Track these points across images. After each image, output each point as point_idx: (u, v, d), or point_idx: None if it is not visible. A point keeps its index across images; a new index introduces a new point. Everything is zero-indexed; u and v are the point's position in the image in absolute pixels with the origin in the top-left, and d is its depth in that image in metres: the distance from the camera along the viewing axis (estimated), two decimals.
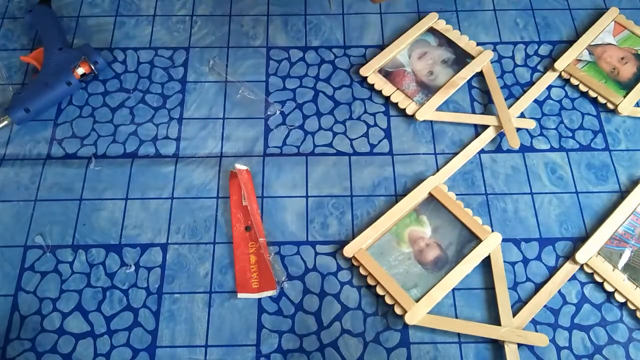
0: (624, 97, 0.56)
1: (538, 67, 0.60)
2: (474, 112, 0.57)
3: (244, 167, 0.53)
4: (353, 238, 0.50)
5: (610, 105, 0.56)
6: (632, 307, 0.47)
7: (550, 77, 0.58)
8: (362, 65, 0.59)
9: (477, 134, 0.56)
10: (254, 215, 0.51)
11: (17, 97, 0.55)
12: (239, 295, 0.48)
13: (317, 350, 0.46)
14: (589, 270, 0.49)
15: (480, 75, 0.59)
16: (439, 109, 0.57)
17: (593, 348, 0.46)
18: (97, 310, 0.48)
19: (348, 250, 0.49)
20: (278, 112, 0.57)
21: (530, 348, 0.46)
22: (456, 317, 0.47)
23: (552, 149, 0.55)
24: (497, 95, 0.57)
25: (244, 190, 0.51)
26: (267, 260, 0.49)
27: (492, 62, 0.59)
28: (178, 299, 0.48)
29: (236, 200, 0.52)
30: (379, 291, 0.48)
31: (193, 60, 0.60)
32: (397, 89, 0.57)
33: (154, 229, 0.51)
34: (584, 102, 0.58)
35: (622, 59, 0.59)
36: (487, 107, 0.57)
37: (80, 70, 0.56)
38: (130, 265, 0.50)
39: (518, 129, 0.55)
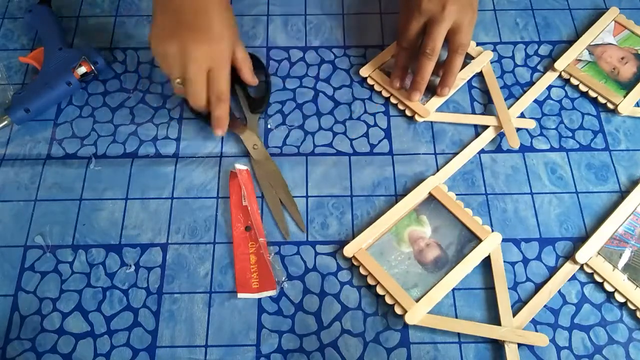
0: (624, 97, 0.56)
1: (538, 67, 0.60)
2: (474, 112, 0.57)
3: (244, 167, 0.53)
4: (353, 238, 0.50)
5: (610, 105, 0.56)
6: (632, 307, 0.47)
7: (550, 77, 0.58)
8: (362, 65, 0.59)
9: (477, 134, 0.56)
10: (254, 215, 0.51)
11: (17, 97, 0.55)
12: (239, 295, 0.48)
13: (317, 350, 0.46)
14: (589, 270, 0.49)
15: (480, 75, 0.59)
16: (439, 109, 0.57)
17: (593, 348, 0.46)
18: (97, 310, 0.48)
19: (348, 250, 0.49)
20: (278, 114, 0.57)
21: (530, 348, 0.46)
22: (456, 317, 0.47)
23: (552, 149, 0.55)
24: (497, 96, 0.57)
25: (244, 190, 0.51)
26: (267, 260, 0.49)
27: (492, 62, 0.59)
28: (178, 299, 0.48)
29: (236, 200, 0.52)
30: (379, 291, 0.48)
31: None
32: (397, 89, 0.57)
33: (154, 229, 0.51)
34: (584, 102, 0.58)
35: (622, 58, 0.59)
36: (487, 107, 0.57)
37: (81, 70, 0.56)
38: (130, 265, 0.50)
39: (518, 129, 0.55)
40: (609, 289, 0.48)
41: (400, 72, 0.56)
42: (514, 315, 0.47)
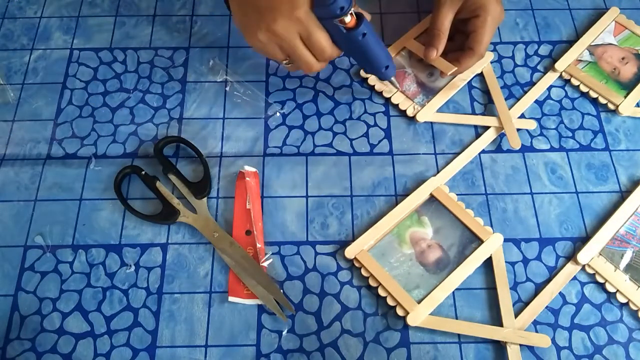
0: (625, 97, 0.56)
1: (538, 67, 0.60)
2: (474, 112, 0.57)
3: (252, 169, 0.52)
4: (353, 238, 0.50)
5: (611, 106, 0.56)
6: (634, 308, 0.47)
7: (550, 78, 0.58)
8: None
9: (477, 134, 0.56)
10: (256, 221, 0.50)
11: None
12: (230, 298, 0.48)
13: (317, 350, 0.46)
14: (590, 271, 0.49)
15: (480, 75, 0.59)
16: (440, 109, 0.57)
17: (593, 348, 0.46)
18: (97, 310, 0.48)
19: (350, 252, 0.49)
20: (278, 113, 0.57)
21: (530, 348, 0.46)
22: (456, 317, 0.47)
23: (552, 149, 0.55)
24: (498, 97, 0.57)
25: (250, 194, 0.51)
26: (262, 268, 0.49)
27: (491, 62, 0.59)
28: (178, 299, 0.48)
29: (240, 203, 0.52)
30: (381, 293, 0.48)
31: (193, 60, 0.60)
32: (398, 90, 0.57)
33: (154, 228, 0.51)
34: (584, 102, 0.58)
35: (623, 59, 0.59)
36: (488, 107, 0.57)
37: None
38: (130, 265, 0.50)
39: (518, 130, 0.55)
40: (611, 289, 0.48)
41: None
42: (515, 316, 0.47)
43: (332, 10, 0.44)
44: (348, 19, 0.45)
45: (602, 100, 0.56)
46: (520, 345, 0.46)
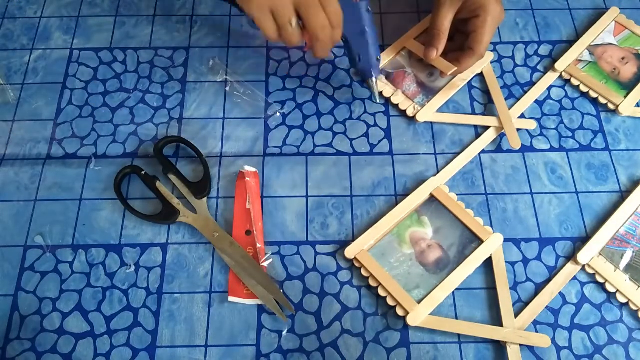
0: (625, 97, 0.56)
1: (538, 67, 0.60)
2: (474, 112, 0.57)
3: (252, 169, 0.52)
4: (353, 238, 0.50)
5: (611, 106, 0.56)
6: (634, 308, 0.47)
7: (550, 78, 0.58)
8: None
9: (477, 134, 0.56)
10: (256, 221, 0.50)
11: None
12: (230, 298, 0.48)
13: (317, 350, 0.46)
14: (590, 271, 0.49)
15: (480, 75, 0.59)
16: (440, 109, 0.57)
17: (593, 348, 0.46)
18: (97, 310, 0.48)
19: (350, 252, 0.49)
20: (278, 113, 0.57)
21: (530, 348, 0.46)
22: (456, 317, 0.47)
23: (552, 149, 0.55)
24: (498, 97, 0.57)
25: (250, 194, 0.51)
26: (262, 268, 0.49)
27: (492, 62, 0.59)
28: (178, 299, 0.48)
29: (240, 203, 0.52)
30: (381, 293, 0.48)
31: (193, 60, 0.60)
32: (398, 90, 0.57)
33: (154, 228, 0.51)
34: (584, 102, 0.58)
35: (623, 59, 0.59)
36: (488, 107, 0.57)
37: None
38: (130, 265, 0.50)
39: (518, 130, 0.55)
40: (611, 289, 0.48)
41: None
42: (515, 316, 0.47)
43: None
44: None
45: (602, 100, 0.56)
46: (520, 345, 0.46)
